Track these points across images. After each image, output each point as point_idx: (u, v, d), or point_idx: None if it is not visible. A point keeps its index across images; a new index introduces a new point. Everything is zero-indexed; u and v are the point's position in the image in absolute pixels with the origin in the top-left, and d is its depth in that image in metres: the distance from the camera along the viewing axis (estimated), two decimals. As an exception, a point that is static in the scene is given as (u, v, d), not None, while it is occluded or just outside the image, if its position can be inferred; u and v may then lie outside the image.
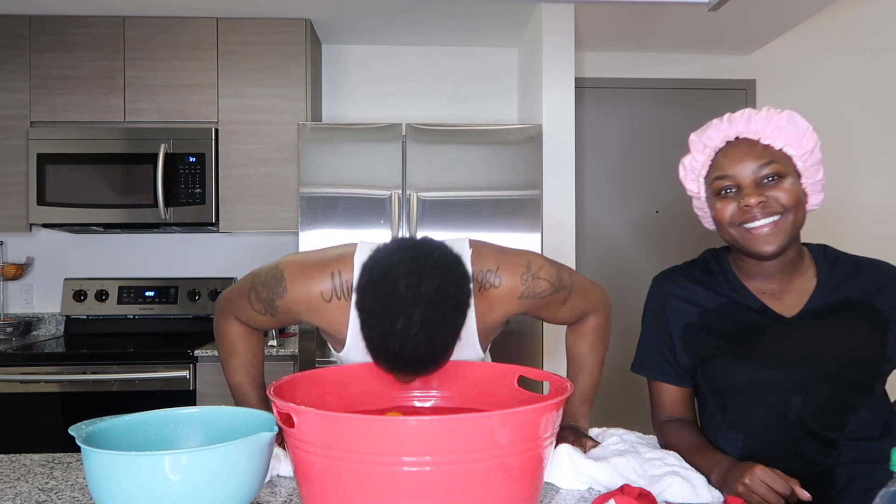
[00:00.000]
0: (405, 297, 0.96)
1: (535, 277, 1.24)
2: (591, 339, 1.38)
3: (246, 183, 2.97)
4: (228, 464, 0.89)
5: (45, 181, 2.85)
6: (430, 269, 0.98)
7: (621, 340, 2.33)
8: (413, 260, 0.99)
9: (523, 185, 2.68)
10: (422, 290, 0.96)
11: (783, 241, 1.13)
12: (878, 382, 1.17)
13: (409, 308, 0.95)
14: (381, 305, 0.97)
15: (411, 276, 0.97)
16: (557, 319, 1.35)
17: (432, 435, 0.81)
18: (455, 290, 0.99)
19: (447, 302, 0.97)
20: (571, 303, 1.30)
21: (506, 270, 1.23)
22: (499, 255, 1.25)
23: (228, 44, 2.99)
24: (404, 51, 3.44)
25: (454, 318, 0.98)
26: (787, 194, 1.11)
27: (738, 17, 3.03)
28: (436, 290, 0.97)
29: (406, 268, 0.98)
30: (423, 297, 0.96)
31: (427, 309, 0.96)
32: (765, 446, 1.15)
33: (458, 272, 1.02)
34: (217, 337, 1.37)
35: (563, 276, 1.29)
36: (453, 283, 0.99)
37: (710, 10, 1.32)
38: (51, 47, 2.94)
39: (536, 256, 1.28)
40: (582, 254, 3.45)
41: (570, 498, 1.06)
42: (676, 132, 3.51)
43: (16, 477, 1.14)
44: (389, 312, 0.96)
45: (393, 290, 0.97)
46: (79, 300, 3.16)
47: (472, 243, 1.25)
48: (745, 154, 1.13)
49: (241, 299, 1.29)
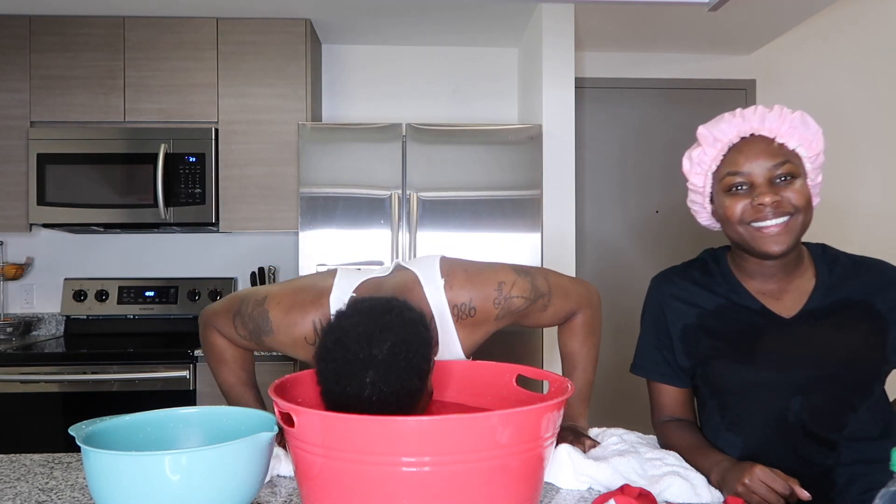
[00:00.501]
0: (355, 361, 0.96)
1: (508, 298, 1.27)
2: (581, 335, 1.37)
3: (246, 183, 2.97)
4: (228, 464, 0.89)
5: (45, 181, 2.85)
6: (380, 332, 0.98)
7: (620, 341, 2.33)
8: (365, 324, 0.99)
9: (523, 185, 2.68)
10: (372, 352, 0.96)
11: (791, 241, 1.12)
12: (878, 383, 1.17)
13: (360, 371, 0.95)
14: (333, 371, 0.97)
15: (361, 339, 0.97)
16: (542, 324, 1.37)
17: (432, 435, 0.81)
18: (406, 350, 0.98)
19: (398, 363, 0.96)
20: (552, 307, 1.31)
21: (478, 298, 1.26)
22: (470, 284, 1.26)
23: (228, 44, 2.99)
24: (404, 51, 3.44)
25: (408, 378, 0.97)
26: (799, 195, 1.11)
27: (738, 17, 3.03)
28: (386, 352, 0.96)
29: (356, 332, 0.98)
30: (373, 360, 0.95)
31: (378, 371, 0.95)
32: (764, 447, 1.15)
33: (410, 331, 1.00)
34: (204, 348, 1.38)
35: (537, 285, 1.29)
36: (404, 342, 0.98)
37: (710, 10, 1.33)
38: (51, 47, 2.94)
39: (507, 273, 1.29)
40: (582, 254, 3.45)
41: (570, 498, 1.06)
42: (676, 132, 3.51)
43: (16, 477, 1.14)
44: (341, 378, 0.96)
45: (344, 355, 0.97)
46: (79, 300, 3.16)
47: (444, 273, 1.26)
48: (760, 152, 1.12)
49: (225, 320, 1.31)
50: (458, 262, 1.30)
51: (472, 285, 1.26)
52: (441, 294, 1.25)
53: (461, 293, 1.25)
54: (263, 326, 1.26)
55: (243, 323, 1.28)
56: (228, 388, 1.37)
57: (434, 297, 1.25)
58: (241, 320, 1.28)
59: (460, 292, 1.25)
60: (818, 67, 3.57)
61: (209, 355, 1.38)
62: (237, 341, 1.32)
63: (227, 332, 1.32)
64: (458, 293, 1.25)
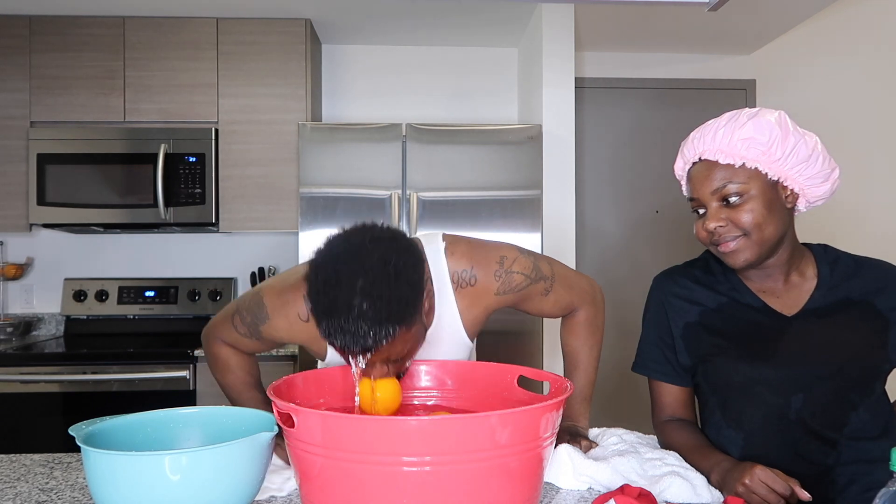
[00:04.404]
0: (345, 271, 0.97)
1: (509, 272, 1.26)
2: (584, 333, 1.37)
3: (246, 183, 2.97)
4: (228, 464, 0.89)
5: (45, 181, 2.85)
6: (370, 242, 1.00)
7: (621, 340, 2.33)
8: (354, 236, 1.02)
9: (523, 185, 2.68)
10: (362, 262, 0.97)
11: (750, 256, 1.13)
12: (878, 382, 1.17)
13: (351, 279, 0.96)
14: (323, 281, 0.98)
15: (350, 251, 0.99)
16: (543, 312, 1.35)
17: (432, 435, 0.81)
18: (396, 259, 0.99)
19: (388, 270, 0.97)
20: (554, 294, 1.31)
21: (480, 268, 1.25)
22: (472, 253, 1.26)
23: (228, 44, 2.99)
24: (404, 51, 3.44)
25: (398, 287, 0.98)
26: (748, 215, 1.11)
27: (738, 17, 3.03)
28: (376, 260, 0.97)
29: (346, 245, 1.00)
30: (363, 269, 0.96)
31: (368, 278, 0.96)
32: (765, 445, 1.15)
33: (401, 244, 1.03)
34: (209, 361, 1.38)
35: (540, 267, 1.29)
36: (393, 252, 1.00)
37: (709, 10, 1.32)
38: (51, 47, 2.94)
39: (511, 250, 1.29)
40: (582, 254, 3.45)
41: (570, 498, 1.06)
42: (677, 132, 3.49)
43: (16, 477, 1.14)
44: (330, 287, 0.97)
45: (334, 266, 0.98)
46: (79, 300, 3.16)
47: (447, 239, 1.27)
48: (704, 178, 1.15)
49: (225, 325, 1.31)
50: (461, 236, 1.31)
51: (474, 253, 1.26)
52: (442, 257, 1.24)
53: (462, 260, 1.25)
54: (259, 314, 1.25)
55: (242, 319, 1.28)
56: (237, 394, 1.36)
57: (434, 259, 1.24)
58: (239, 318, 1.28)
59: (461, 259, 1.25)
60: (818, 67, 3.57)
61: (214, 367, 1.37)
62: (239, 342, 1.31)
63: (229, 336, 1.32)
64: (459, 260, 1.25)
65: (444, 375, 1.24)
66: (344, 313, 0.95)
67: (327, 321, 0.97)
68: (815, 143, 1.13)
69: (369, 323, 0.96)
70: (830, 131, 3.43)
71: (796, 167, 1.12)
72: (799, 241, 1.22)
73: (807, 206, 1.19)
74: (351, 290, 0.96)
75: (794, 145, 1.11)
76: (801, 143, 1.11)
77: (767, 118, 1.11)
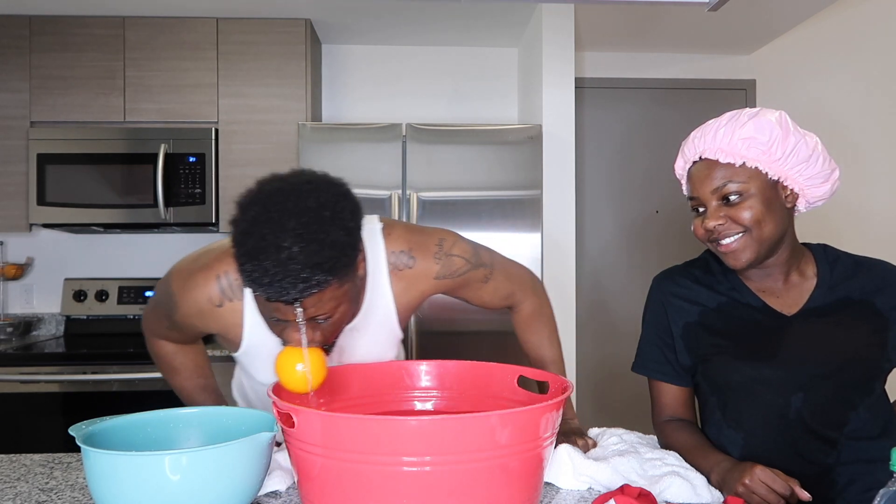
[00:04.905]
0: (276, 210, 0.90)
1: (449, 255, 1.22)
2: (538, 326, 1.35)
3: (246, 183, 2.89)
4: (228, 464, 0.89)
5: (45, 181, 2.85)
6: (306, 184, 0.94)
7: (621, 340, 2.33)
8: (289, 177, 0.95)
9: (523, 185, 2.68)
10: (297, 203, 0.90)
11: (750, 255, 1.13)
12: (878, 381, 1.17)
13: (282, 219, 0.89)
14: (251, 219, 0.91)
15: (284, 190, 0.93)
16: (483, 301, 1.32)
17: (432, 435, 0.81)
18: (334, 204, 0.93)
19: (323, 213, 0.91)
20: (494, 282, 1.28)
21: (418, 251, 1.21)
22: (410, 235, 1.22)
23: (228, 44, 2.99)
24: (404, 51, 3.44)
25: (334, 232, 0.91)
26: (747, 213, 1.11)
27: (738, 17, 3.03)
28: (312, 202, 0.91)
29: (279, 184, 0.94)
30: (297, 209, 0.90)
31: (302, 219, 0.89)
32: (765, 445, 1.15)
33: (339, 190, 0.97)
34: (153, 359, 1.32)
35: (480, 254, 1.27)
36: (331, 196, 0.94)
37: (709, 10, 1.32)
38: (51, 47, 2.94)
39: (450, 234, 1.26)
40: (582, 253, 3.45)
41: (570, 498, 1.06)
42: (676, 132, 3.49)
43: (16, 477, 1.14)
44: (258, 226, 0.90)
45: (265, 204, 0.91)
46: (79, 300, 3.15)
47: (384, 221, 1.22)
48: (704, 177, 1.15)
49: (150, 319, 1.25)
50: (399, 221, 1.27)
51: (412, 235, 1.22)
52: (379, 238, 1.19)
53: (400, 242, 1.20)
54: (169, 302, 1.16)
55: (160, 311, 1.20)
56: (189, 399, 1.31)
57: (371, 240, 1.19)
58: (159, 309, 1.20)
59: (399, 241, 1.20)
60: (818, 67, 3.57)
61: (160, 368, 1.32)
62: (170, 336, 1.25)
63: (158, 331, 1.24)
64: (396, 241, 1.20)
65: (444, 375, 1.24)
66: (272, 255, 0.88)
67: (252, 264, 0.90)
68: (815, 143, 1.13)
69: (299, 267, 0.88)
70: (830, 131, 3.45)
71: (796, 167, 1.12)
72: (799, 241, 1.22)
73: (807, 207, 1.19)
74: (282, 231, 0.88)
75: (795, 145, 1.11)
76: (801, 143, 1.11)
77: (768, 118, 1.11)
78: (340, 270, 0.94)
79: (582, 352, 3.19)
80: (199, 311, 1.14)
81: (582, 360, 3.14)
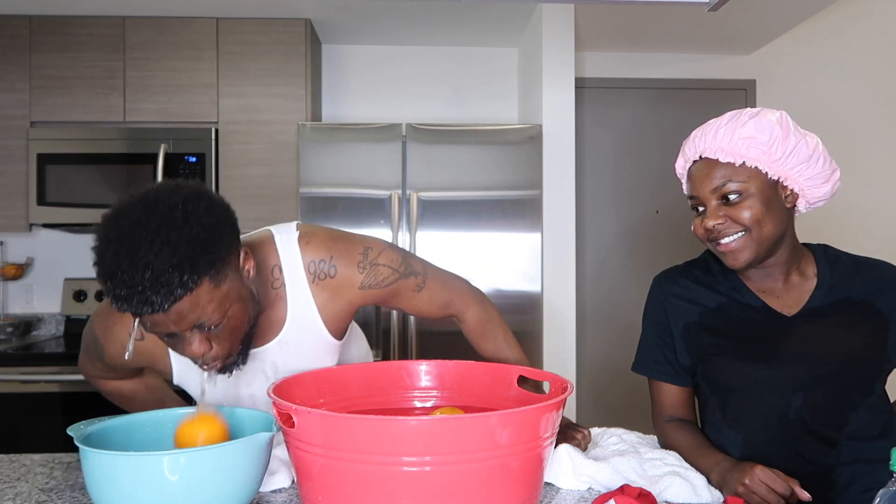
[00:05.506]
0: (126, 224, 0.88)
1: (374, 265, 1.18)
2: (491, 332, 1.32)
3: (246, 183, 2.97)
4: (228, 464, 0.89)
5: (45, 181, 2.85)
6: (155, 192, 0.92)
7: (621, 341, 2.32)
8: (140, 191, 0.93)
9: (523, 185, 2.68)
10: (147, 213, 0.89)
11: (750, 255, 1.13)
12: (878, 382, 1.17)
13: (132, 232, 0.87)
14: (104, 241, 0.89)
15: (132, 204, 0.90)
16: (419, 310, 1.28)
17: (432, 435, 0.81)
18: (185, 204, 0.90)
19: (174, 215, 0.89)
20: (428, 290, 1.24)
21: (341, 259, 1.16)
22: (332, 243, 1.18)
23: (228, 44, 2.98)
24: (404, 51, 3.44)
25: (189, 230, 0.88)
26: (747, 212, 1.11)
27: (738, 17, 3.03)
28: (162, 207, 0.89)
29: (129, 199, 0.92)
30: (146, 218, 0.88)
31: (152, 226, 0.87)
32: (765, 445, 1.15)
33: (192, 188, 0.94)
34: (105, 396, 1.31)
35: (411, 263, 1.23)
36: (181, 197, 0.91)
37: (709, 10, 1.32)
38: (51, 47, 2.94)
39: (376, 242, 1.22)
40: (582, 254, 3.45)
41: (570, 498, 1.06)
42: (676, 132, 3.49)
43: (16, 477, 1.14)
44: (110, 244, 0.88)
45: (116, 222, 0.89)
46: (79, 300, 3.15)
47: (301, 228, 1.18)
48: (704, 176, 1.15)
49: (87, 362, 1.23)
50: (320, 226, 1.23)
51: (334, 243, 1.18)
52: (294, 245, 1.15)
53: (319, 249, 1.16)
54: (95, 346, 1.14)
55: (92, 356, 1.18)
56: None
57: (285, 247, 1.15)
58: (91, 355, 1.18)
59: (318, 249, 1.16)
60: (818, 67, 3.57)
61: (113, 401, 1.29)
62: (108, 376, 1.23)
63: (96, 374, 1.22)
64: (315, 249, 1.15)
65: (444, 375, 1.24)
66: (127, 268, 0.85)
67: (112, 282, 0.86)
68: (815, 143, 1.13)
69: (157, 273, 0.85)
70: (831, 131, 3.44)
71: (797, 167, 1.12)
72: (799, 242, 1.22)
73: (807, 207, 1.19)
74: (133, 243, 0.86)
75: (795, 145, 1.11)
76: (801, 143, 1.11)
77: (769, 118, 1.11)
78: (206, 268, 0.91)
79: (582, 352, 3.19)
80: (123, 348, 1.12)
81: (582, 360, 3.14)
